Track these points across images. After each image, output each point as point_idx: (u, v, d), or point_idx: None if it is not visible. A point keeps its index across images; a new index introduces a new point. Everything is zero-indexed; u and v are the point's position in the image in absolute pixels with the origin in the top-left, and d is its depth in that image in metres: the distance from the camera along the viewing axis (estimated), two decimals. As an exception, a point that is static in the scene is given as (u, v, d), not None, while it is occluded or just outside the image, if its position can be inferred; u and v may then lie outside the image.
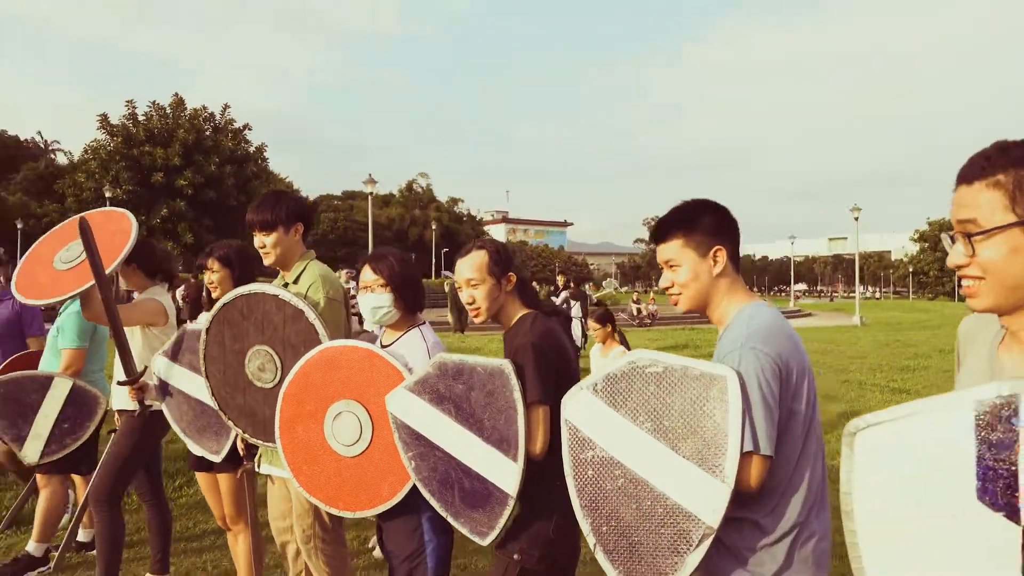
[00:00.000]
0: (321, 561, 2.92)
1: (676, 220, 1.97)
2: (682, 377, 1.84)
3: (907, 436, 1.26)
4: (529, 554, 2.29)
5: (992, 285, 1.25)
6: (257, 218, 2.94)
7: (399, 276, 2.60)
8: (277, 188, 58.06)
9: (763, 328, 1.84)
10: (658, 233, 2.00)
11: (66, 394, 3.70)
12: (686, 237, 1.94)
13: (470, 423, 2.22)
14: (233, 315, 2.82)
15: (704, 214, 1.98)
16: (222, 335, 2.84)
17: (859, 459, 1.32)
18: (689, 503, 1.77)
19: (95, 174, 35.05)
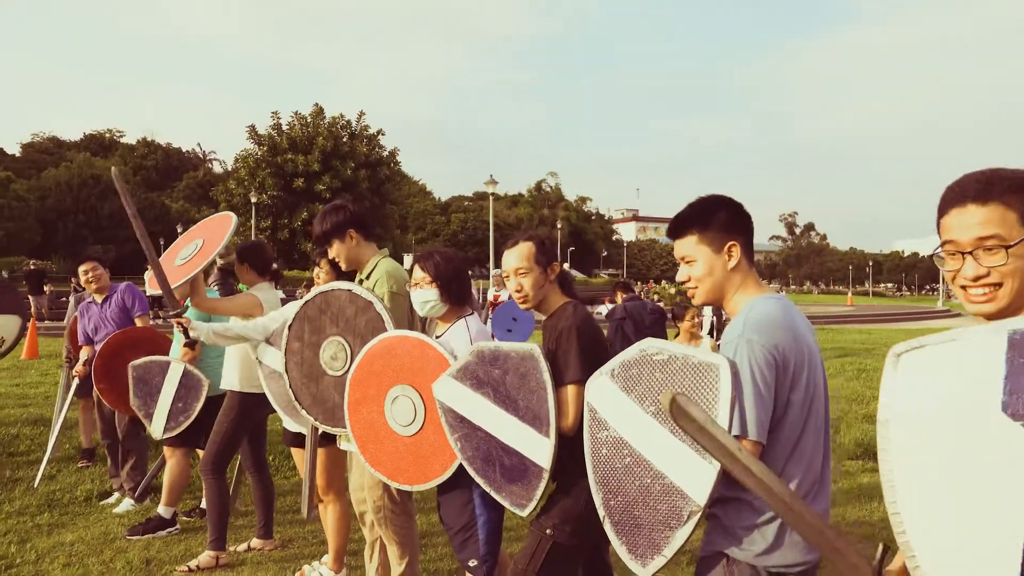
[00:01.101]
0: (390, 530, 3.20)
1: (691, 216, 2.06)
2: (683, 365, 1.95)
3: (949, 358, 1.37)
4: (561, 529, 2.47)
5: (1008, 288, 1.45)
6: (314, 234, 3.31)
7: (444, 273, 2.83)
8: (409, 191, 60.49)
9: (761, 320, 1.91)
10: (674, 229, 2.09)
11: (179, 377, 4.25)
12: (701, 233, 2.03)
13: (506, 404, 2.41)
14: (312, 311, 3.14)
15: (719, 210, 2.06)
16: (302, 330, 3.17)
17: (902, 380, 1.42)
18: (682, 482, 1.89)
19: (244, 181, 37.91)
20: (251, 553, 4.25)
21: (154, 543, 4.36)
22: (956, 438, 1.34)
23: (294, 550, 4.33)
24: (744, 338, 1.89)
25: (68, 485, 5.50)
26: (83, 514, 4.91)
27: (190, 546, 4.31)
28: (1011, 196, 1.45)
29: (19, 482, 5.57)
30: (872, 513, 5.06)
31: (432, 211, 71.69)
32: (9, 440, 6.87)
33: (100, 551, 4.22)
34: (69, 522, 4.75)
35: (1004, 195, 1.45)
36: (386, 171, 40.92)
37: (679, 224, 2.08)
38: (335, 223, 3.32)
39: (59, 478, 5.70)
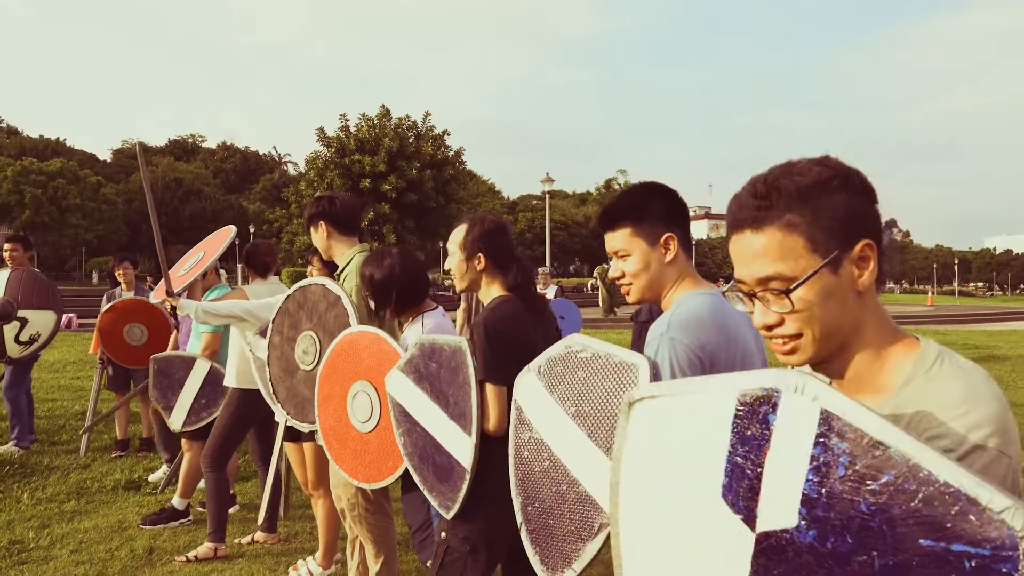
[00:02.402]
0: (365, 528, 3.17)
1: (624, 207, 1.91)
2: (604, 363, 1.82)
3: (680, 415, 1.18)
4: (453, 533, 2.31)
5: (810, 337, 1.11)
6: None
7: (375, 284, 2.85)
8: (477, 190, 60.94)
9: (687, 317, 1.78)
10: (606, 221, 1.94)
11: (204, 374, 4.39)
12: (635, 225, 1.88)
13: (440, 399, 2.33)
14: (292, 305, 3.14)
15: (653, 199, 1.92)
16: (283, 324, 3.18)
17: (632, 430, 1.26)
18: (595, 491, 1.76)
19: (313, 182, 38.79)
20: (252, 546, 4.29)
21: (162, 533, 4.45)
22: (676, 505, 1.13)
23: (295, 545, 4.34)
24: (667, 336, 1.75)
25: (99, 474, 5.68)
26: (107, 503, 5.06)
27: (195, 537, 4.38)
28: (793, 213, 1.08)
29: (55, 470, 5.79)
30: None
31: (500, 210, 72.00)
32: (54, 430, 7.17)
33: (110, 539, 4.33)
34: (92, 510, 4.90)
35: (785, 213, 1.09)
36: (451, 171, 41.20)
37: (611, 215, 1.92)
38: (309, 213, 3.40)
39: (93, 467, 5.91)
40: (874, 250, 1.09)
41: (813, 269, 1.07)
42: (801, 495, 0.96)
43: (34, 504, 4.99)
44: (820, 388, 0.98)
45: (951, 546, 0.84)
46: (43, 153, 60.62)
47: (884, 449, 0.90)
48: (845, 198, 1.08)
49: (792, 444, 0.98)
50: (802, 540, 0.96)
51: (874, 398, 1.10)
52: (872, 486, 0.90)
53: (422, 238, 41.16)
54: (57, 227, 49.87)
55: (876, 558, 0.89)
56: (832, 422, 0.95)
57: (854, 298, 1.10)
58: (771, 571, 0.98)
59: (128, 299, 6.05)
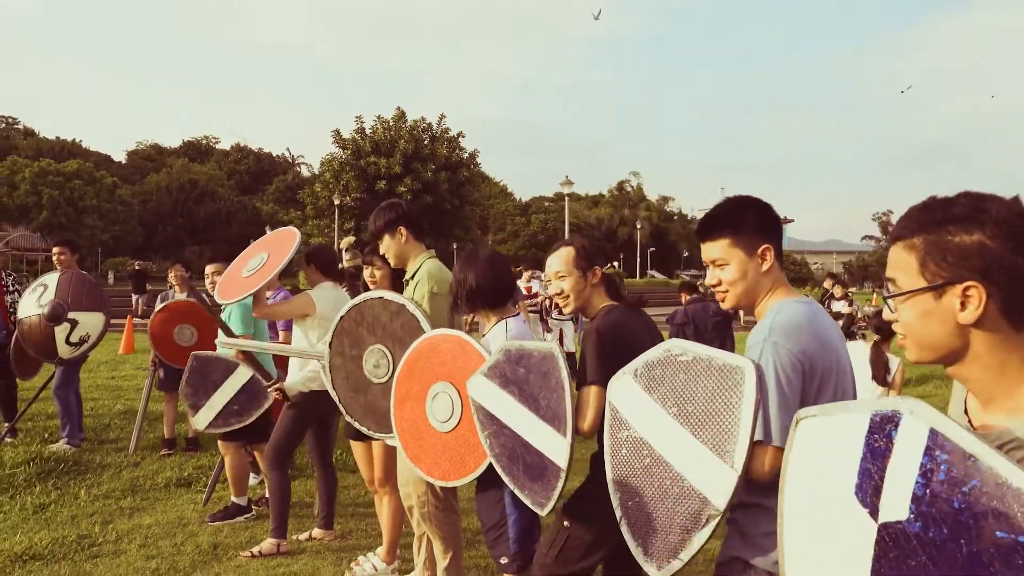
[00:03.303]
0: (434, 525, 3.27)
1: (724, 218, 2.02)
2: (707, 367, 1.93)
3: (831, 429, 1.37)
4: (576, 523, 2.52)
5: (911, 342, 1.31)
6: (369, 231, 3.40)
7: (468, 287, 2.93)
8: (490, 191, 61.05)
9: (787, 323, 1.88)
10: (705, 231, 2.06)
11: (244, 382, 4.41)
12: (734, 236, 1.99)
13: (529, 402, 2.44)
14: (348, 325, 3.22)
15: (751, 212, 2.03)
16: (342, 345, 3.25)
17: (797, 441, 1.43)
18: (701, 485, 1.87)
19: (329, 184, 39.05)
20: (311, 543, 4.41)
21: (223, 529, 4.59)
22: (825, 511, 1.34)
23: (352, 541, 4.47)
24: (770, 341, 1.86)
25: (150, 472, 5.82)
26: (162, 500, 5.19)
27: (255, 533, 4.51)
28: (918, 236, 1.27)
29: (108, 468, 5.94)
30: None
31: (513, 212, 72.07)
32: (101, 429, 7.33)
33: (173, 534, 4.46)
34: (148, 507, 5.04)
35: (912, 235, 1.27)
36: (466, 173, 41.39)
37: (710, 226, 2.04)
38: (388, 219, 3.42)
39: (143, 465, 6.05)
40: (981, 292, 1.19)
41: (915, 288, 1.26)
42: (911, 494, 1.20)
43: (92, 500, 5.13)
44: (930, 412, 1.20)
45: (1018, 537, 1.06)
46: (59, 154, 61.12)
47: (974, 460, 1.13)
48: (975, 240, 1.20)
49: (907, 454, 1.22)
50: (910, 529, 1.19)
51: (1008, 418, 1.23)
52: (963, 488, 1.14)
53: (437, 240, 41.33)
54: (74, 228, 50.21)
55: (964, 545, 1.12)
56: (937, 438, 1.18)
57: (957, 325, 1.23)
58: (888, 554, 1.22)
59: (180, 301, 6.17)
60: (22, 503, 5.01)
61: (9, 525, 4.62)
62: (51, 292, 6.28)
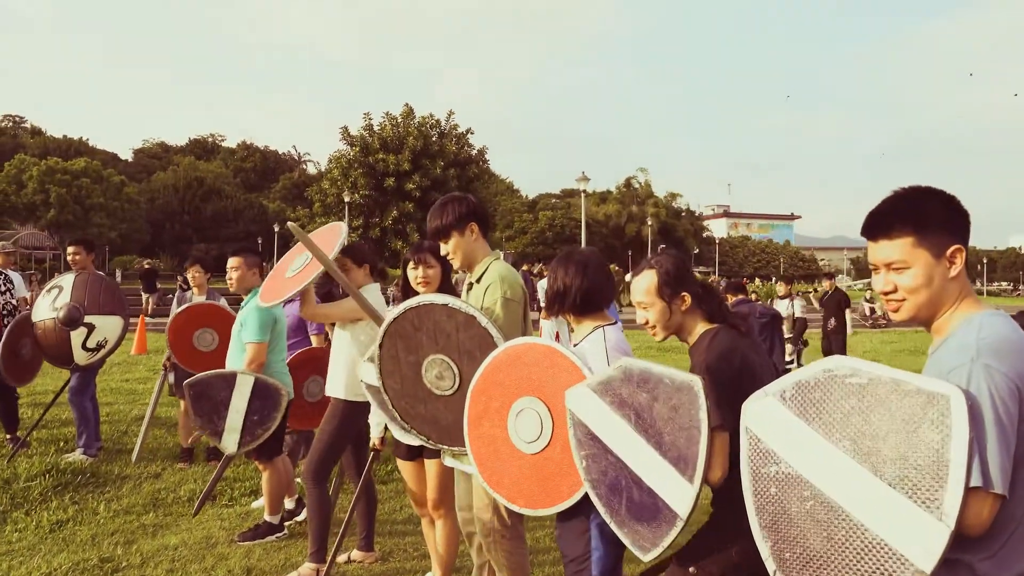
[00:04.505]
0: (501, 555, 2.93)
1: (905, 211, 1.67)
2: (891, 392, 1.58)
3: None
4: (707, 571, 2.15)
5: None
6: (431, 227, 3.02)
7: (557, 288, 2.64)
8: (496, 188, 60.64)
9: (998, 341, 1.53)
10: (879, 226, 1.69)
11: (251, 389, 4.06)
12: (919, 234, 1.64)
13: (649, 434, 2.09)
14: (405, 328, 2.86)
15: (939, 206, 1.66)
16: (395, 348, 2.90)
17: None
18: (895, 540, 1.52)
19: (337, 181, 38.66)
20: (351, 565, 4.07)
21: (255, 550, 4.24)
22: None
23: (395, 563, 4.12)
24: (979, 363, 1.49)
25: (172, 484, 5.49)
26: (186, 515, 4.85)
27: (289, 555, 4.17)
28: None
29: (127, 480, 5.61)
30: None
31: (520, 209, 71.59)
32: (118, 436, 7.00)
33: (202, 557, 4.12)
34: (173, 523, 4.71)
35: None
36: (475, 169, 40.94)
37: (887, 220, 1.67)
38: (459, 214, 3.01)
39: (164, 476, 5.72)
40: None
41: None
42: None
43: (112, 517, 4.80)
44: None
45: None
46: (67, 153, 60.84)
47: None
48: None
49: None
50: None
51: None
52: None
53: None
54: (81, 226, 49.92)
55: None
56: None
57: None
58: None
59: (200, 303, 5.84)
60: (38, 520, 4.68)
61: (26, 546, 4.28)
62: (67, 294, 5.94)
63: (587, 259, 2.61)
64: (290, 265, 3.73)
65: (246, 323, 4.29)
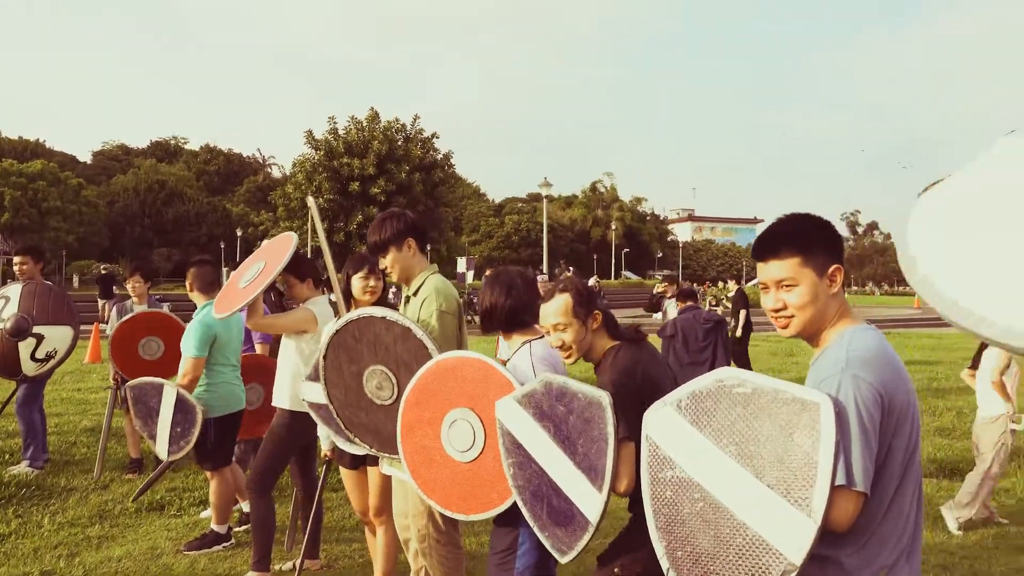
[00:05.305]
0: (435, 560, 3.01)
1: (792, 235, 1.80)
2: (772, 400, 1.71)
3: None
4: (631, 569, 2.29)
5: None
6: (370, 242, 3.11)
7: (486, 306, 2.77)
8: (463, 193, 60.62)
9: (865, 354, 1.67)
10: (770, 248, 1.81)
11: (173, 401, 4.13)
12: (804, 255, 1.77)
13: (565, 445, 2.22)
14: (346, 340, 2.96)
15: (820, 229, 1.81)
16: (339, 359, 2.99)
17: None
18: (771, 536, 1.64)
19: (301, 185, 38.41)
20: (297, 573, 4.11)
21: (200, 560, 4.27)
22: None
23: (339, 570, 4.18)
24: (848, 373, 1.63)
25: (120, 495, 5.47)
26: (133, 526, 4.85)
27: (235, 564, 4.20)
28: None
29: (73, 492, 5.57)
30: (951, 539, 4.69)
31: (486, 213, 71.74)
32: (66, 448, 6.93)
33: (146, 568, 4.14)
34: (119, 535, 4.70)
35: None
36: (440, 174, 40.98)
37: (777, 241, 1.80)
38: (397, 229, 3.11)
39: (112, 488, 5.69)
40: None
41: None
42: None
43: (57, 529, 4.78)
44: None
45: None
46: (22, 155, 59.38)
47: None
48: None
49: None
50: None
51: None
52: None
53: (423, 242, 40.74)
54: (37, 230, 48.89)
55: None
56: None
57: None
58: None
59: (144, 312, 5.79)
60: (-21, 533, 4.64)
61: (-35, 559, 4.25)
62: (13, 305, 5.88)
63: (512, 279, 2.74)
64: (244, 275, 3.77)
65: (187, 336, 4.33)
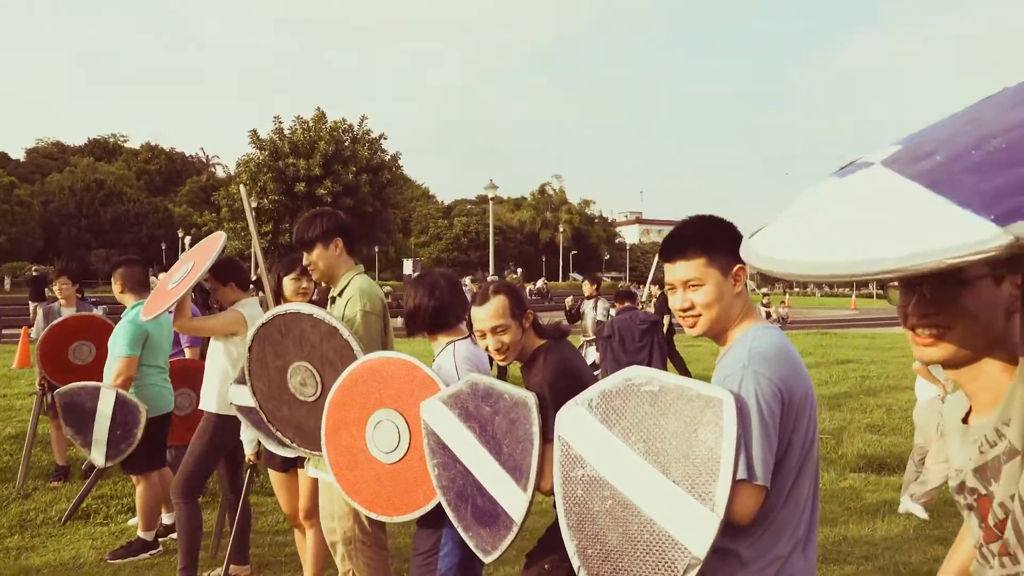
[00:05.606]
0: (361, 562, 3.00)
1: (699, 236, 1.84)
2: (677, 397, 1.74)
3: None
4: (560, 566, 2.31)
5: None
6: (298, 238, 3.09)
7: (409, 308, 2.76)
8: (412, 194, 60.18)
9: (766, 351, 1.72)
10: (677, 249, 1.85)
11: (112, 403, 4.02)
12: (709, 255, 1.81)
13: (490, 445, 2.22)
14: (272, 333, 2.93)
15: (725, 230, 1.85)
16: (264, 353, 2.97)
17: None
18: (677, 531, 1.67)
19: (245, 185, 37.71)
20: (226, 580, 4.03)
21: (124, 568, 4.16)
22: None
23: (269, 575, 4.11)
24: (750, 369, 1.67)
25: (43, 504, 5.28)
26: (56, 536, 4.69)
27: (161, 572, 4.11)
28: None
29: (-7, 500, 5.35)
30: (875, 531, 4.84)
31: (435, 215, 71.47)
32: (-14, 455, 6.66)
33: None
34: (40, 545, 4.54)
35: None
36: (388, 175, 40.69)
37: (683, 242, 1.83)
38: (326, 228, 3.08)
39: (35, 496, 5.49)
40: None
41: None
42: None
43: (-27, 540, 4.58)
44: None
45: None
46: (-51, 152, 57.13)
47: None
48: None
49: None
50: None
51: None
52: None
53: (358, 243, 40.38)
54: (-35, 231, 47.06)
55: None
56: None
57: None
58: None
59: (74, 315, 5.62)
60: None
61: None
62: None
63: (436, 280, 2.75)
64: (173, 276, 3.71)
65: (116, 337, 4.23)
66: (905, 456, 6.05)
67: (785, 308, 27.72)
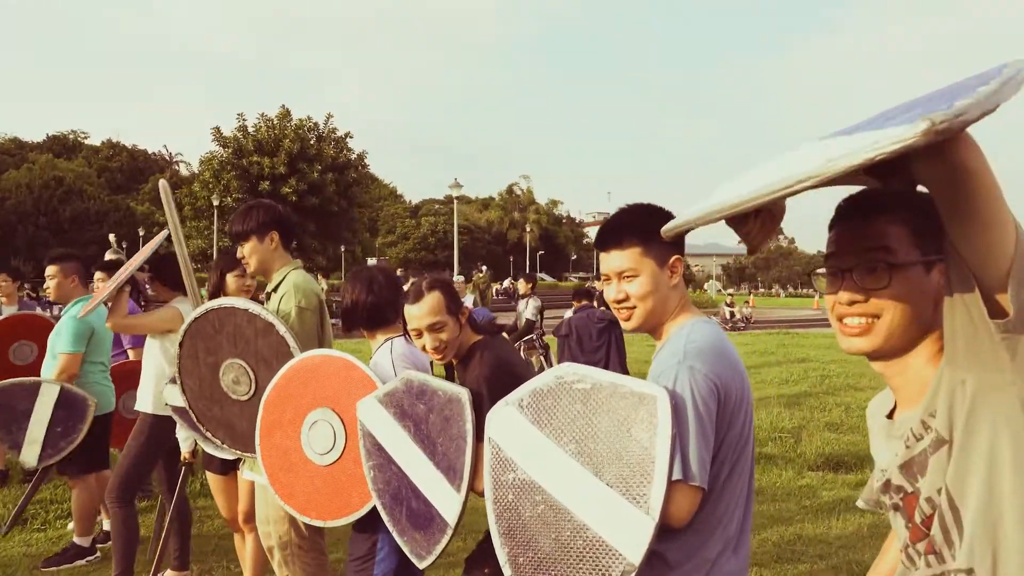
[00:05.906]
0: (298, 567, 2.90)
1: (633, 225, 1.75)
2: (611, 395, 1.66)
3: None
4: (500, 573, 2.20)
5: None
6: (231, 229, 2.98)
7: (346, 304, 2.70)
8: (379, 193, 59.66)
9: (703, 344, 1.64)
10: (611, 239, 1.76)
11: (55, 399, 3.84)
12: (645, 244, 1.72)
13: (425, 444, 2.13)
14: (206, 328, 2.82)
15: (660, 220, 1.75)
16: (195, 348, 2.86)
17: None
18: (611, 536, 1.59)
19: (208, 184, 37.10)
20: (165, 587, 3.88)
21: (58, 574, 3.97)
22: None
23: (213, 583, 3.96)
24: (685, 365, 1.59)
25: (-22, 510, 5.06)
26: (-11, 543, 4.48)
27: (98, 580, 3.93)
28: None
29: (-75, 507, 5.11)
30: (830, 530, 4.83)
31: (402, 214, 71.02)
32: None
33: (-4, 587, 3.82)
34: (-29, 552, 4.33)
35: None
36: (354, 174, 40.32)
37: (618, 232, 1.75)
38: (261, 220, 2.97)
39: (-30, 502, 5.25)
40: None
41: None
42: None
43: (-101, 548, 4.36)
44: None
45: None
46: (-101, 147, 55.40)
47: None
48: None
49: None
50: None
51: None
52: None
53: (324, 242, 40.03)
54: (-84, 228, 45.64)
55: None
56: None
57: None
58: None
59: (14, 314, 5.40)
60: None
61: None
62: None
63: (373, 276, 2.67)
64: (113, 275, 3.58)
65: (59, 333, 4.08)
66: (863, 454, 6.07)
67: (749, 308, 28.01)
